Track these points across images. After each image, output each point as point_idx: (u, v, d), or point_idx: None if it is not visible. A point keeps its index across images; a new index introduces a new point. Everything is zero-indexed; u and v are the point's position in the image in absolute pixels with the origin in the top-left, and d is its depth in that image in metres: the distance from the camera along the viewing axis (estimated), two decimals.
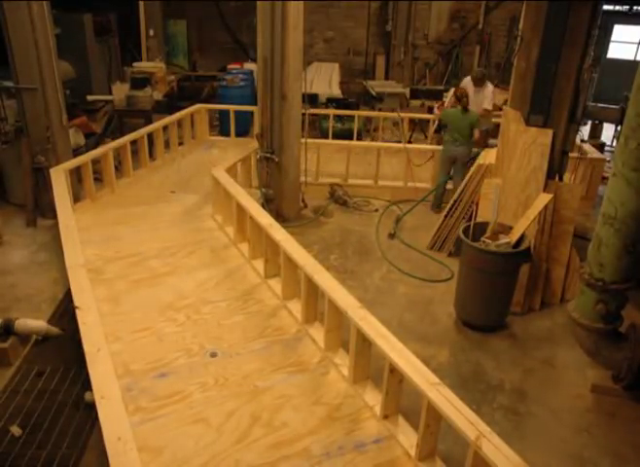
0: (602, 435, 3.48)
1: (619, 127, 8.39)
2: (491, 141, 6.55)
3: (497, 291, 4.33)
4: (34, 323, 4.04)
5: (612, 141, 9.35)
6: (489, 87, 7.20)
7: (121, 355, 3.48)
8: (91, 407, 3.03)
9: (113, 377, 2.91)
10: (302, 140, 6.04)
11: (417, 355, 2.93)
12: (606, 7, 11.30)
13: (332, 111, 8.47)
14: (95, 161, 5.85)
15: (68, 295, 4.05)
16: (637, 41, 12.94)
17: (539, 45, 4.47)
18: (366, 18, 12.31)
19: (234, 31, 12.65)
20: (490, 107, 7.14)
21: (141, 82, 8.18)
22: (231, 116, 7.97)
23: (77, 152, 6.48)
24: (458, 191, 5.48)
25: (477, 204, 5.22)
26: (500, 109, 7.20)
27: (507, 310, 4.52)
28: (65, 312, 4.35)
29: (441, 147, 6.63)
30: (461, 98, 6.15)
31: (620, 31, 13.07)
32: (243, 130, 8.50)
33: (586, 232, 5.59)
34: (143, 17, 10.75)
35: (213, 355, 3.56)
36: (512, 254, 4.24)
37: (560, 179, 4.81)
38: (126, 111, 8.01)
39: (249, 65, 10.52)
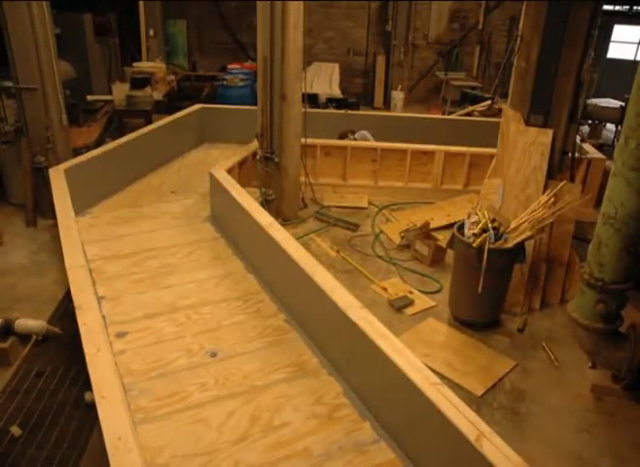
0: (602, 435, 3.48)
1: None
2: None
3: (486, 286, 4.28)
4: (34, 323, 4.03)
5: (612, 141, 9.34)
6: None
7: (121, 355, 3.48)
8: (91, 407, 3.03)
9: (113, 377, 2.90)
10: (302, 140, 6.05)
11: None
12: (606, 7, 11.30)
13: (332, 111, 8.48)
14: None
15: (68, 295, 4.05)
16: (637, 41, 12.94)
17: (539, 45, 4.47)
18: (366, 18, 12.32)
19: (234, 31, 12.66)
20: None
21: (141, 82, 8.18)
22: None
23: (77, 152, 6.48)
24: None
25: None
26: None
27: (499, 308, 4.52)
28: (65, 312, 4.35)
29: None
30: None
31: (620, 31, 13.07)
32: None
33: (586, 232, 5.58)
34: (143, 17, 10.76)
35: (213, 355, 3.56)
36: (501, 250, 4.22)
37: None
38: (126, 111, 8.01)
39: (249, 65, 10.54)
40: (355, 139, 7.25)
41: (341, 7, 12.41)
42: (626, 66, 10.43)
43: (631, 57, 12.92)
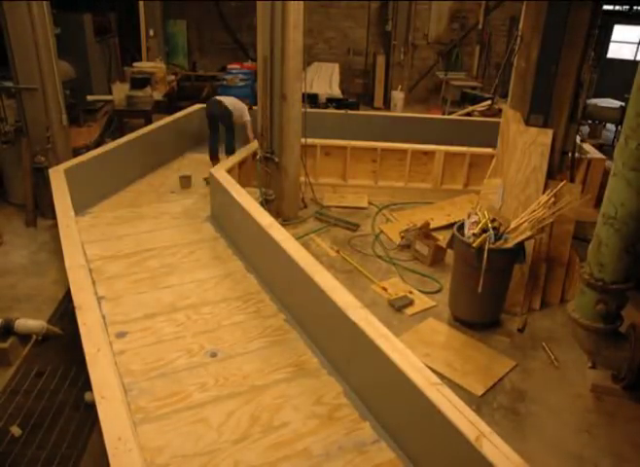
0: (602, 435, 3.48)
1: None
2: None
3: (486, 286, 4.28)
4: (34, 323, 4.04)
5: (612, 141, 9.35)
6: None
7: (121, 355, 3.48)
8: (91, 407, 3.03)
9: (113, 377, 2.90)
10: (302, 140, 6.05)
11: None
12: (606, 7, 11.29)
13: (332, 111, 8.48)
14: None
15: (68, 295, 4.05)
16: (637, 41, 12.94)
17: (539, 45, 4.47)
18: (366, 18, 12.32)
19: (234, 31, 12.66)
20: None
21: (141, 82, 8.18)
22: None
23: (77, 152, 6.49)
24: None
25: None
26: None
27: (499, 308, 4.52)
28: (65, 312, 4.35)
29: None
30: None
31: (620, 31, 13.06)
32: None
33: (586, 232, 5.58)
34: (143, 17, 10.77)
35: (213, 355, 3.56)
36: (501, 250, 4.22)
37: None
38: (126, 111, 8.01)
39: (249, 65, 10.55)
40: None
41: (341, 7, 12.41)
42: (626, 66, 10.44)
43: (631, 57, 12.91)
